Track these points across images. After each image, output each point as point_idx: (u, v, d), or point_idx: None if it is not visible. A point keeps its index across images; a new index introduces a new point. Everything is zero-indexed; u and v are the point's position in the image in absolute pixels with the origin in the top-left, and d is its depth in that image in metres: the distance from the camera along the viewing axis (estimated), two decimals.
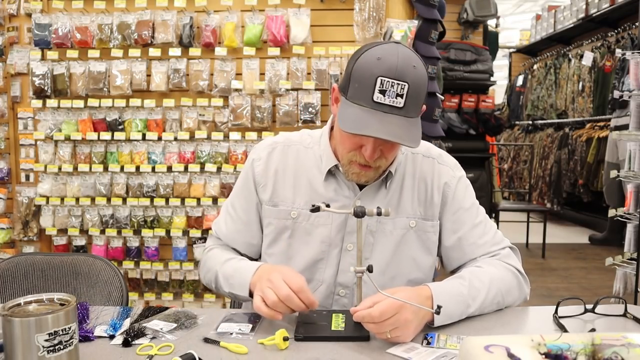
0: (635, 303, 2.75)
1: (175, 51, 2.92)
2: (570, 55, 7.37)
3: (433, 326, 1.13)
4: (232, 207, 1.41)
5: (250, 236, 1.39)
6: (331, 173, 1.32)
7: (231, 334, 1.11)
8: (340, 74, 2.84)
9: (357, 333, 1.10)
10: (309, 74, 2.90)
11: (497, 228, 1.39)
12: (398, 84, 1.10)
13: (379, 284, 1.11)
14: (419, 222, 1.32)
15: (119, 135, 2.98)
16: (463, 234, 1.33)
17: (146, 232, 3.02)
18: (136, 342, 1.07)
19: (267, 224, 1.36)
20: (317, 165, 1.33)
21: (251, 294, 1.20)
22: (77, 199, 3.04)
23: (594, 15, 6.55)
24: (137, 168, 2.99)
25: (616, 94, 3.03)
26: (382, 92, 1.10)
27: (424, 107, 1.21)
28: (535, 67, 8.46)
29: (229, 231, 1.41)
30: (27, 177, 3.15)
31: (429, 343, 1.06)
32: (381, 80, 1.10)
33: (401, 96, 1.11)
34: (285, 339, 1.03)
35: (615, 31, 6.32)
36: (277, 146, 1.38)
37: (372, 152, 1.18)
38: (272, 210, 1.35)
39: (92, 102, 2.98)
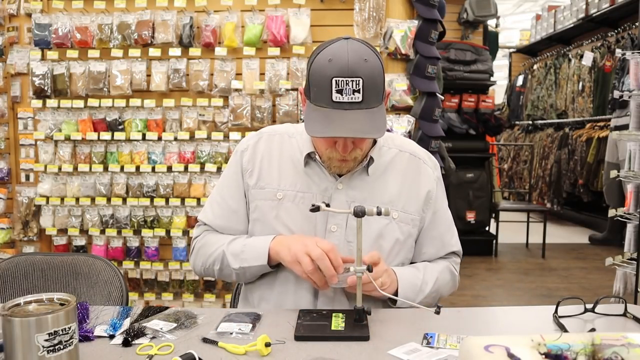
0: (635, 303, 2.75)
1: (175, 51, 2.92)
2: (570, 55, 7.36)
3: (394, 305, 1.29)
4: (220, 196, 1.44)
5: (237, 222, 1.41)
6: (312, 159, 1.36)
7: (231, 333, 1.12)
8: None
9: (357, 333, 1.10)
10: None
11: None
12: (352, 80, 1.15)
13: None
14: (400, 214, 1.36)
15: (119, 135, 2.98)
16: (439, 233, 1.42)
17: (146, 232, 3.02)
18: (136, 341, 1.07)
19: (254, 207, 1.39)
20: (300, 152, 1.38)
21: (269, 261, 1.29)
22: (77, 199, 3.04)
23: (594, 15, 6.55)
24: (137, 168, 2.99)
25: (616, 94, 3.03)
26: (339, 91, 1.16)
27: (388, 90, 1.28)
28: (535, 67, 8.46)
29: (216, 217, 1.43)
30: (27, 177, 3.14)
31: (428, 343, 1.06)
32: (336, 80, 1.16)
33: (358, 91, 1.16)
34: (267, 344, 1.02)
35: (615, 31, 6.31)
36: (262, 135, 1.45)
37: (344, 148, 1.25)
38: (258, 193, 1.38)
39: (92, 102, 2.98)
